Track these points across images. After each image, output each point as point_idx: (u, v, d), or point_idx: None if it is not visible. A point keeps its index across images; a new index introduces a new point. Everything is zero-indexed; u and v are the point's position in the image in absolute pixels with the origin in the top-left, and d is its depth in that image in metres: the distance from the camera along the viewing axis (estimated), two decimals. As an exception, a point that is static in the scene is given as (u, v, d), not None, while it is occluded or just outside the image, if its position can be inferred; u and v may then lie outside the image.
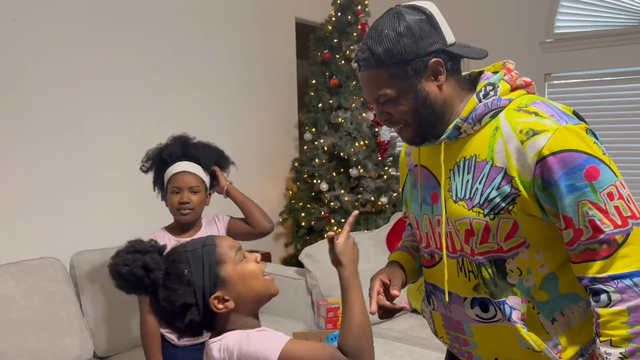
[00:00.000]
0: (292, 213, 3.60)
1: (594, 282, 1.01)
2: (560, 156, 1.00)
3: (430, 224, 1.21)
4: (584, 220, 1.00)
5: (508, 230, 1.07)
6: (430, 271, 1.25)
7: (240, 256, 1.11)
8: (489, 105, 1.09)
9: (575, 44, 3.47)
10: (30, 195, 2.45)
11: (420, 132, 1.15)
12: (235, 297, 1.07)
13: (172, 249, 1.12)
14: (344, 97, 3.46)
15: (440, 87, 1.11)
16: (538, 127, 1.03)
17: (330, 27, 3.51)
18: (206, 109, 3.22)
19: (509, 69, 1.14)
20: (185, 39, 3.08)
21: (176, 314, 1.05)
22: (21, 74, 2.41)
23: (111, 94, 2.73)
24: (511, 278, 1.10)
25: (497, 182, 1.06)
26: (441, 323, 1.26)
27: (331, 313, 2.47)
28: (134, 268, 1.03)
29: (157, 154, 1.99)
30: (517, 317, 1.10)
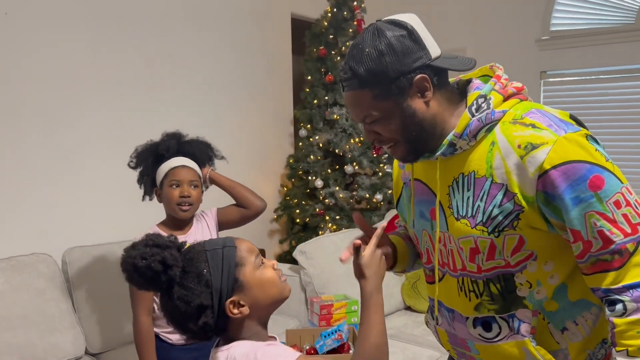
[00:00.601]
0: (286, 210, 3.59)
1: (609, 293, 0.99)
2: (562, 169, 0.97)
3: (431, 240, 1.18)
4: (592, 232, 0.98)
5: (514, 246, 1.05)
6: (433, 287, 1.23)
7: (260, 261, 1.08)
8: (482, 119, 1.06)
9: (572, 41, 3.46)
10: (22, 191, 2.43)
11: (412, 150, 1.11)
12: (251, 303, 1.04)
13: (190, 246, 1.08)
14: (339, 94, 3.44)
15: (428, 104, 1.07)
16: (537, 141, 1.00)
17: (326, 23, 3.49)
18: (200, 105, 3.19)
19: (498, 77, 1.10)
20: (178, 34, 3.05)
21: (190, 314, 1.02)
22: (12, 69, 2.38)
23: (103, 89, 2.71)
24: (521, 291, 1.08)
25: (499, 199, 1.04)
26: (446, 339, 1.24)
27: (325, 310, 2.46)
28: (152, 262, 0.99)
29: (151, 149, 1.95)
30: (525, 331, 1.08)
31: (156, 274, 1.00)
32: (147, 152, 1.96)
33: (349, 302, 2.51)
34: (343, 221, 3.41)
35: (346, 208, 3.44)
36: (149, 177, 1.97)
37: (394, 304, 2.89)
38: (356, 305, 2.53)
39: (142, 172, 1.99)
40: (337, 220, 3.40)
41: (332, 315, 2.47)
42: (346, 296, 2.62)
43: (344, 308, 2.49)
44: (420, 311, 2.88)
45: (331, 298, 2.57)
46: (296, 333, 2.36)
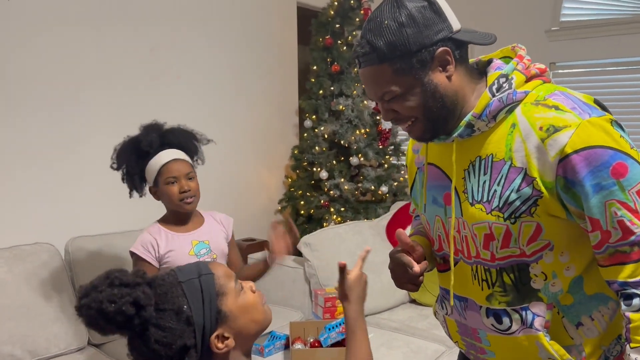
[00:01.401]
0: (291, 201, 3.56)
1: (626, 286, 0.95)
2: (585, 153, 0.93)
3: (443, 227, 1.14)
4: (612, 222, 0.94)
5: (531, 234, 1.01)
6: (445, 275, 1.19)
7: (239, 287, 0.99)
8: (503, 100, 1.01)
9: (582, 32, 3.40)
10: (25, 180, 2.41)
11: (430, 128, 1.07)
12: (236, 334, 0.95)
13: (158, 278, 0.94)
14: (345, 84, 3.40)
15: (450, 78, 1.03)
16: (559, 123, 0.95)
17: (332, 11, 3.44)
18: (204, 94, 3.16)
19: (520, 57, 1.05)
20: (183, 23, 3.01)
21: (170, 358, 0.90)
22: (14, 57, 2.35)
23: (108, 78, 2.68)
24: (536, 283, 1.04)
25: (517, 183, 0.99)
26: (455, 329, 1.20)
27: (329, 303, 2.43)
28: (123, 305, 0.85)
29: (132, 147, 1.88)
30: (539, 325, 1.04)
31: (128, 318, 0.86)
32: (128, 150, 1.88)
33: (354, 295, 2.48)
34: (348, 213, 3.38)
35: (351, 200, 3.41)
36: (137, 175, 1.89)
37: (399, 297, 2.86)
38: (361, 298, 2.50)
39: (128, 171, 1.91)
40: (341, 212, 3.37)
41: (336, 307, 2.45)
42: (351, 289, 2.59)
43: (348, 301, 2.46)
44: (426, 304, 2.86)
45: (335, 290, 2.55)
46: (300, 325, 2.34)
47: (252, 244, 3.09)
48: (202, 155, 2.03)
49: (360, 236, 2.90)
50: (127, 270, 0.92)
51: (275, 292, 2.89)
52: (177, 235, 1.88)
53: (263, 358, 2.24)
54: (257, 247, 3.09)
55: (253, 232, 3.42)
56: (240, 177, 3.43)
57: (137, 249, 1.83)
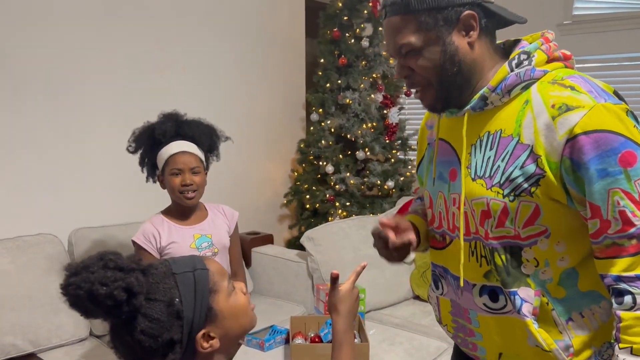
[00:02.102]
0: (296, 195, 3.54)
1: (619, 281, 0.92)
2: (594, 136, 0.90)
3: (445, 203, 1.13)
4: (613, 211, 0.91)
5: (528, 216, 0.99)
6: (441, 253, 1.17)
7: (231, 287, 0.96)
8: (521, 75, 1.00)
9: (595, 26, 3.33)
10: (29, 171, 2.42)
11: (442, 96, 1.06)
12: (222, 335, 0.91)
13: (152, 268, 0.91)
14: (352, 78, 3.37)
15: (472, 45, 1.02)
16: (573, 103, 0.93)
17: (340, 4, 3.40)
18: (210, 86, 3.15)
19: (547, 39, 1.05)
20: (190, 15, 3.00)
21: (154, 351, 0.86)
22: (19, 45, 2.35)
23: (113, 69, 2.68)
24: (526, 268, 1.02)
25: (522, 160, 0.97)
26: (448, 309, 1.18)
27: (331, 298, 2.42)
28: (115, 289, 0.82)
29: (148, 133, 1.89)
30: (527, 311, 1.02)
31: (118, 303, 0.82)
32: (144, 136, 1.91)
33: (356, 290, 2.46)
34: (353, 208, 3.35)
35: (357, 194, 3.39)
36: (149, 161, 1.92)
37: (402, 293, 2.84)
38: (363, 293, 2.49)
39: (142, 156, 1.94)
40: (347, 206, 3.35)
41: (338, 303, 2.43)
42: (353, 284, 2.57)
43: (350, 296, 2.44)
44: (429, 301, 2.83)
45: (338, 286, 2.53)
46: (301, 320, 2.33)
47: (256, 237, 3.08)
48: (218, 153, 2.03)
49: (364, 231, 2.88)
50: (122, 254, 0.88)
51: (278, 286, 2.89)
52: (179, 228, 1.88)
53: (263, 352, 2.23)
54: (260, 241, 3.08)
55: (257, 226, 3.41)
56: (246, 170, 3.42)
57: (139, 239, 1.84)
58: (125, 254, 0.89)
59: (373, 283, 2.71)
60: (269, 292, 2.93)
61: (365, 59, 3.42)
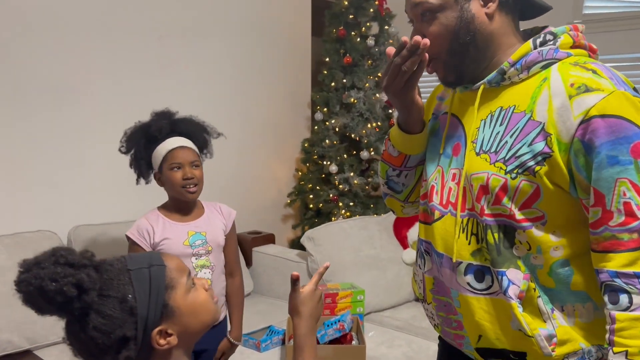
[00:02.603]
0: (300, 195, 3.52)
1: (616, 277, 0.89)
2: (610, 121, 0.88)
3: (442, 177, 1.10)
4: (618, 202, 0.88)
5: (527, 196, 0.96)
6: (429, 228, 1.14)
7: (191, 283, 0.95)
8: (543, 54, 0.98)
9: (606, 25, 3.26)
10: (29, 167, 2.42)
11: (453, 68, 1.04)
12: (180, 331, 0.90)
13: (107, 264, 0.90)
14: (357, 77, 3.33)
15: (490, 17, 1.01)
16: (593, 85, 0.91)
17: (346, 2, 3.37)
18: (213, 84, 3.14)
19: (576, 27, 1.03)
20: (194, 11, 2.99)
21: (108, 348, 0.85)
22: (20, 45, 2.36)
23: (114, 66, 2.67)
24: (518, 250, 0.99)
25: (531, 137, 0.95)
26: (431, 286, 1.15)
27: (329, 299, 2.39)
28: (65, 285, 0.81)
29: (142, 131, 1.88)
30: (513, 293, 0.98)
31: (68, 299, 0.82)
32: (138, 135, 1.89)
33: (355, 292, 2.44)
34: (357, 208, 3.32)
35: (361, 195, 3.35)
36: (143, 160, 1.90)
37: (403, 295, 2.80)
38: (362, 295, 2.46)
39: (136, 156, 1.91)
40: (350, 207, 3.31)
41: (336, 304, 2.41)
42: (353, 285, 2.55)
43: (349, 297, 2.42)
44: (432, 303, 2.80)
45: (337, 286, 2.51)
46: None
47: (257, 237, 3.06)
48: (211, 149, 2.02)
49: (366, 232, 2.85)
50: (75, 250, 0.88)
51: (277, 286, 2.87)
52: (174, 224, 1.87)
53: (259, 353, 2.21)
54: (262, 241, 3.06)
55: (260, 225, 3.39)
56: (251, 169, 3.40)
57: (132, 234, 1.83)
58: (79, 250, 0.89)
59: (373, 284, 2.68)
60: (269, 292, 2.91)
61: (371, 57, 3.39)
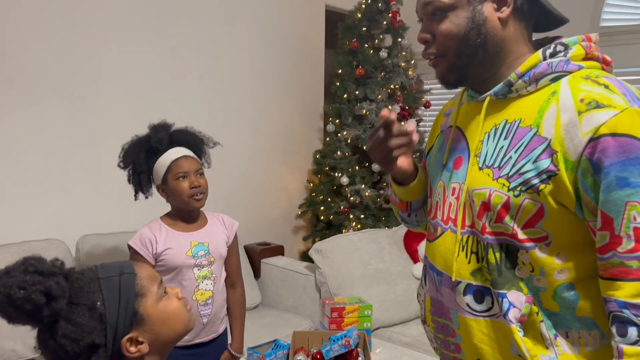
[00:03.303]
0: (311, 206, 3.50)
1: (624, 308, 0.83)
2: (621, 140, 0.82)
3: (444, 192, 1.06)
4: (627, 227, 0.82)
5: (531, 215, 0.91)
6: (430, 246, 1.10)
7: (162, 291, 0.96)
8: (553, 66, 0.93)
9: (623, 38, 3.20)
10: (40, 176, 2.44)
11: (457, 66, 1.01)
12: (151, 340, 0.92)
13: (78, 272, 0.92)
14: (370, 88, 3.32)
15: (503, 22, 0.97)
16: (604, 101, 0.85)
17: (359, 15, 3.37)
18: (227, 95, 3.14)
19: (589, 38, 0.98)
20: (209, 23, 3.01)
21: (77, 355, 0.87)
22: (34, 54, 2.39)
23: (128, 77, 2.69)
24: (520, 271, 0.94)
25: (536, 154, 0.90)
26: (429, 307, 1.11)
27: (335, 313, 2.35)
28: (33, 293, 0.83)
29: (142, 145, 1.88)
30: (514, 317, 0.93)
31: (37, 307, 0.84)
32: (137, 148, 1.88)
33: (362, 306, 2.39)
34: (368, 220, 3.29)
35: (372, 207, 3.32)
36: (144, 174, 1.90)
37: (413, 310, 2.75)
38: (370, 309, 2.41)
39: (135, 170, 1.90)
40: (361, 219, 3.28)
41: (343, 318, 2.37)
42: (360, 299, 2.51)
43: (356, 312, 2.38)
44: (442, 319, 2.74)
45: (344, 300, 2.47)
46: (304, 335, 2.27)
47: (266, 248, 3.04)
48: (208, 158, 2.01)
49: (375, 244, 2.81)
50: (45, 259, 0.89)
51: (286, 299, 2.84)
52: (177, 234, 1.86)
53: (264, 367, 2.17)
54: (270, 252, 3.04)
55: (270, 237, 3.38)
56: (262, 179, 3.39)
57: (135, 244, 1.82)
58: (50, 259, 0.90)
59: (382, 299, 2.63)
60: (277, 304, 2.88)
61: (384, 70, 3.37)
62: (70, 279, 0.89)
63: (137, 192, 1.95)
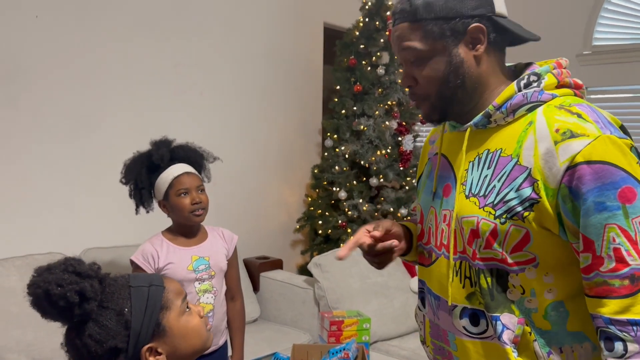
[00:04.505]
0: (309, 220, 3.54)
1: (610, 324, 0.88)
2: (596, 167, 0.87)
3: (435, 219, 1.10)
4: (607, 247, 0.87)
5: (517, 241, 0.95)
6: (426, 271, 1.14)
7: (185, 306, 1.00)
8: (528, 96, 0.98)
9: (615, 57, 3.28)
10: (43, 189, 2.48)
11: (441, 108, 1.05)
12: (169, 352, 0.96)
13: (111, 278, 0.98)
14: (367, 104, 3.38)
15: (478, 59, 1.01)
16: (578, 130, 0.90)
17: (357, 32, 3.44)
18: (228, 111, 3.20)
19: (560, 64, 1.03)
20: (209, 39, 3.07)
21: (99, 356, 0.91)
22: (39, 71, 2.44)
23: (131, 92, 2.74)
24: (512, 294, 0.98)
25: (518, 183, 0.95)
26: (429, 330, 1.15)
27: (334, 326, 2.38)
28: (69, 292, 0.88)
29: (143, 161, 1.92)
30: (508, 338, 0.98)
31: (70, 305, 0.89)
32: (139, 165, 1.93)
33: (361, 320, 2.43)
34: (366, 235, 3.32)
35: (370, 221, 3.36)
36: (145, 190, 1.94)
37: (410, 324, 2.78)
38: (368, 323, 2.44)
39: (137, 185, 1.95)
40: (359, 233, 3.31)
41: (342, 332, 2.40)
42: (359, 313, 2.54)
43: (355, 325, 2.41)
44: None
45: (343, 314, 2.50)
46: (303, 348, 2.29)
47: (265, 262, 3.07)
48: (208, 173, 2.06)
49: (373, 259, 2.85)
50: (85, 262, 0.95)
51: (285, 313, 2.86)
52: (178, 249, 1.89)
53: (264, 380, 2.20)
54: (269, 266, 3.07)
55: (269, 251, 3.41)
56: (260, 193, 3.44)
57: (137, 259, 1.86)
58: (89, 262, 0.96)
59: (380, 313, 2.67)
60: (276, 318, 2.91)
61: (381, 86, 3.43)
62: (103, 284, 0.94)
63: (139, 207, 1.98)
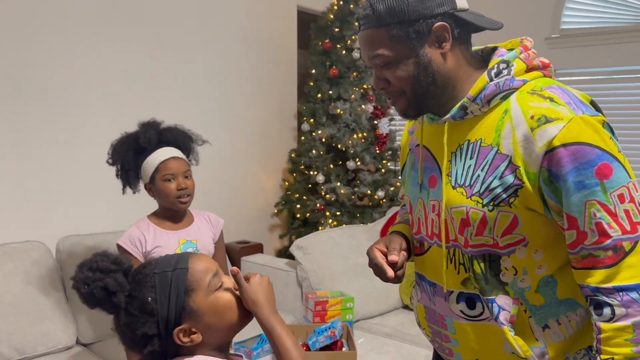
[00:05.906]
0: (287, 204, 3.55)
1: (597, 292, 0.93)
2: (572, 149, 0.92)
3: (424, 209, 1.14)
4: (589, 223, 0.92)
5: (507, 225, 1.00)
6: (419, 259, 1.19)
7: (218, 282, 1.00)
8: (500, 85, 1.01)
9: (582, 40, 3.38)
10: (19, 177, 2.41)
11: (416, 104, 1.07)
12: (204, 330, 0.97)
13: (140, 266, 1.01)
14: (343, 88, 3.40)
15: (445, 56, 1.03)
16: (551, 115, 0.94)
17: (331, 15, 3.44)
18: (203, 96, 3.16)
19: (526, 47, 1.06)
20: (183, 25, 3.02)
21: (136, 342, 0.97)
22: (14, 54, 2.36)
23: (105, 79, 2.69)
24: (505, 276, 1.03)
25: (501, 170, 0.98)
26: (423, 315, 1.20)
27: (319, 307, 2.42)
28: (95, 289, 0.94)
29: (130, 142, 1.89)
30: (504, 319, 1.03)
31: (99, 300, 0.95)
32: (125, 146, 1.90)
33: (344, 299, 2.47)
34: (343, 217, 3.36)
35: (347, 204, 3.40)
36: (132, 171, 1.91)
37: (391, 302, 2.84)
38: (352, 302, 2.49)
39: (123, 167, 1.92)
40: (337, 216, 3.35)
41: (326, 311, 2.44)
42: (342, 293, 2.58)
43: (338, 305, 2.45)
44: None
45: (327, 294, 2.54)
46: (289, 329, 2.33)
47: (246, 246, 3.08)
48: (196, 156, 2.04)
49: (354, 240, 2.89)
50: (109, 256, 0.98)
51: (267, 295, 2.88)
52: (165, 232, 1.88)
53: (251, 361, 2.22)
54: (250, 250, 3.08)
55: (248, 235, 3.41)
56: (238, 179, 3.42)
57: (124, 243, 1.84)
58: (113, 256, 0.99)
59: (362, 292, 2.71)
60: (258, 301, 2.92)
61: (357, 70, 3.45)
62: (128, 275, 0.98)
63: (125, 187, 1.96)
